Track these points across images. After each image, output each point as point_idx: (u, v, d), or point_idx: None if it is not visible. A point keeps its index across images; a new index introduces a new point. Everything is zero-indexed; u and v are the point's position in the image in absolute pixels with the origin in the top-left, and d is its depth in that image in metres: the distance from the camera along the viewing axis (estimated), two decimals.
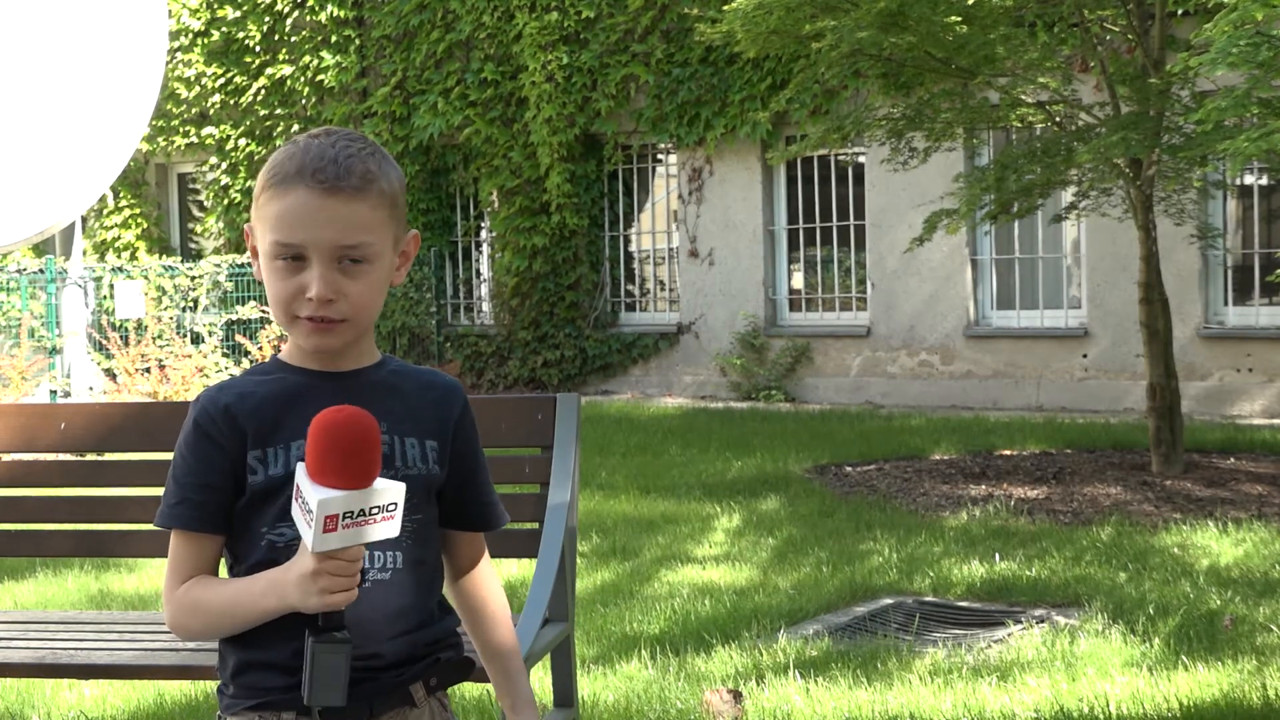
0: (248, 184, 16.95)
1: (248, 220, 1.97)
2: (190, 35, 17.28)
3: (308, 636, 1.84)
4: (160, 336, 13.12)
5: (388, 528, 1.82)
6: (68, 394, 14.46)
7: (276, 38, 16.82)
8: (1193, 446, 9.02)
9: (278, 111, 16.84)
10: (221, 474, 1.94)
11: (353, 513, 1.79)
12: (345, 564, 1.82)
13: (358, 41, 16.26)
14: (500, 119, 15.29)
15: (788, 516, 7.51)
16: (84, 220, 16.80)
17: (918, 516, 7.46)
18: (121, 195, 18.00)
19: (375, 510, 1.80)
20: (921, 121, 8.84)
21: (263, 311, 14.45)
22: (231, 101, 17.15)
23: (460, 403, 2.07)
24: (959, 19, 8.02)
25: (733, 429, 11.27)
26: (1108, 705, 4.25)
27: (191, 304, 15.46)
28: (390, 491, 1.81)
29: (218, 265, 15.56)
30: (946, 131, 8.95)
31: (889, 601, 5.73)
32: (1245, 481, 8.16)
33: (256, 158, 16.98)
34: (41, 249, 16.93)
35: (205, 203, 17.87)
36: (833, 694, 4.43)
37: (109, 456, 4.19)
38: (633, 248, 15.44)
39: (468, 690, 4.50)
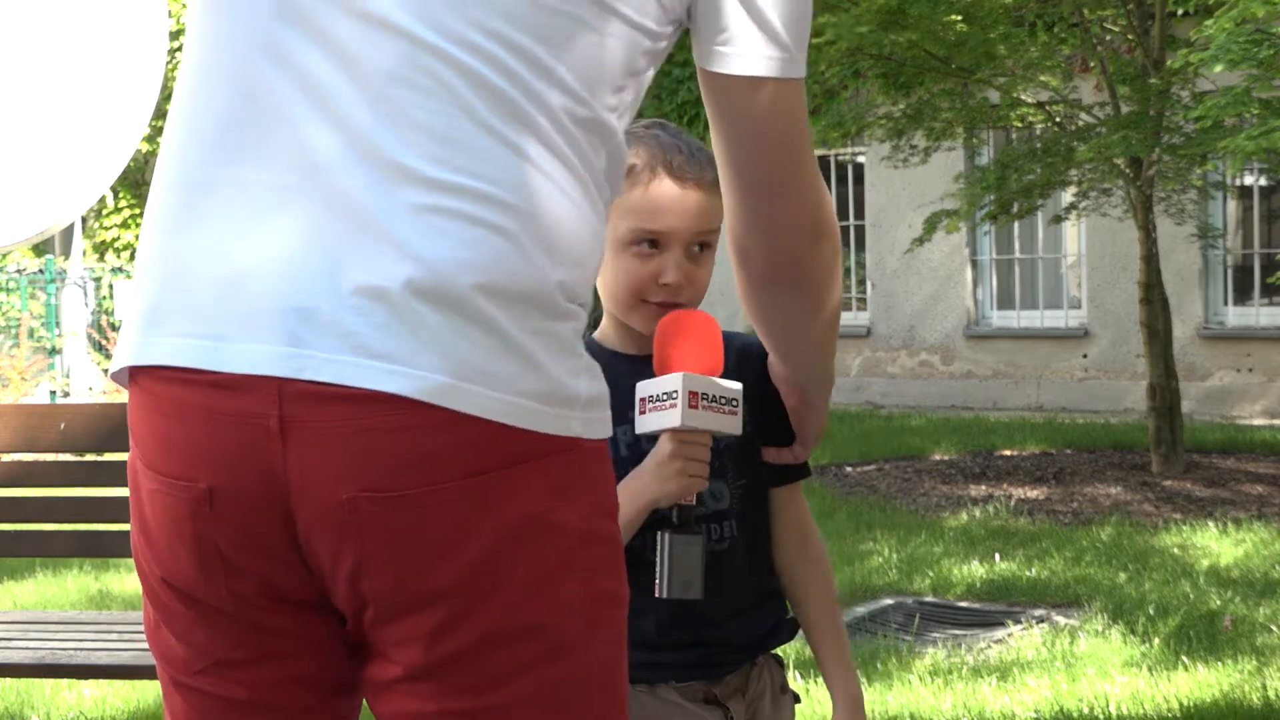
0: None
1: None
2: None
3: (661, 534, 1.90)
4: None
5: (734, 422, 1.90)
6: (68, 394, 14.47)
7: None
8: (1193, 447, 9.02)
9: None
10: None
11: (708, 396, 1.89)
12: (699, 448, 1.88)
13: None
14: None
15: None
16: (84, 220, 16.81)
17: (918, 516, 7.46)
18: (121, 195, 18.00)
19: (723, 400, 1.89)
20: (922, 120, 8.84)
21: None
22: None
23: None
24: (959, 18, 8.03)
25: None
26: (1108, 705, 4.25)
27: None
28: (734, 387, 1.91)
29: None
30: (947, 131, 8.95)
31: (889, 601, 5.73)
32: (1245, 482, 8.16)
33: None
34: (41, 249, 16.96)
35: None
36: None
37: (109, 456, 4.19)
38: None
39: None
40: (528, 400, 1.26)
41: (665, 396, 1.89)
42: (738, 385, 1.91)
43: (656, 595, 1.89)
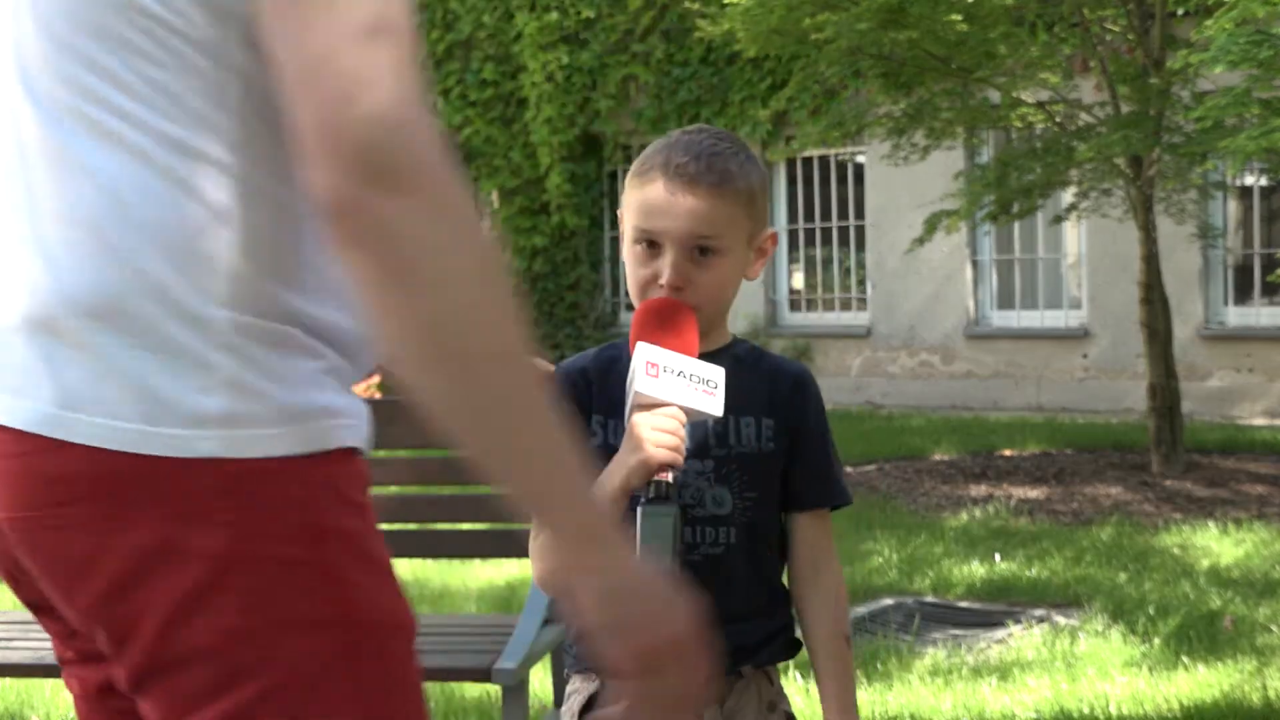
0: None
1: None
2: None
3: (638, 511, 1.88)
4: None
5: (709, 402, 1.89)
6: None
7: None
8: (1193, 446, 9.01)
9: None
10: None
11: (672, 369, 1.88)
12: (667, 419, 1.87)
13: None
14: (500, 119, 15.29)
15: None
16: None
17: (918, 516, 7.46)
18: None
19: (695, 378, 1.89)
20: (922, 120, 8.84)
21: None
22: None
23: (805, 387, 2.10)
24: (959, 17, 8.02)
25: None
26: (1108, 705, 4.25)
27: None
28: (711, 370, 1.90)
29: None
30: (947, 130, 8.95)
31: (889, 601, 5.73)
32: (1245, 481, 8.16)
33: None
34: None
35: None
36: None
37: None
38: None
39: (467, 690, 4.50)
40: (136, 424, 1.23)
41: (632, 374, 1.90)
42: (715, 368, 1.91)
43: None
